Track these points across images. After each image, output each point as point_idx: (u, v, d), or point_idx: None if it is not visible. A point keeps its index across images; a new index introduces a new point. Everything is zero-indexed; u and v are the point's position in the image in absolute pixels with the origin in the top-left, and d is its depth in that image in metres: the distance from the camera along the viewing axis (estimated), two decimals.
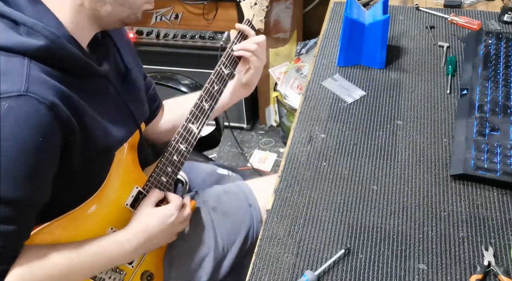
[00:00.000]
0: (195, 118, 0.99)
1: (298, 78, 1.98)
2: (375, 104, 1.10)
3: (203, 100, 0.99)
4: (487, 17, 1.36)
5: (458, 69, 1.18)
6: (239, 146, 2.27)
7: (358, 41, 1.17)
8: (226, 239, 1.05)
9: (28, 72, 0.66)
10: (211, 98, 1.01)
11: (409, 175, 0.94)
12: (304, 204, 0.90)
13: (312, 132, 1.04)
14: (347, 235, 0.85)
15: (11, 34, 0.68)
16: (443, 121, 1.05)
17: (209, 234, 1.04)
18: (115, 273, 0.91)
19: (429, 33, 1.31)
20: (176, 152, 0.97)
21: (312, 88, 1.16)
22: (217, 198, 1.10)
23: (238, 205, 1.09)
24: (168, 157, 0.97)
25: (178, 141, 0.97)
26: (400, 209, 0.88)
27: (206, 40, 1.99)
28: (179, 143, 0.97)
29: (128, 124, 0.90)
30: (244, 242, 1.06)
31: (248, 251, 1.08)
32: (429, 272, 0.78)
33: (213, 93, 1.01)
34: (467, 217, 0.86)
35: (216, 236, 1.04)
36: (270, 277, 0.79)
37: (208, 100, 1.00)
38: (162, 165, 0.96)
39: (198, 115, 0.99)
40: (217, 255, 1.03)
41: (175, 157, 0.97)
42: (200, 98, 0.99)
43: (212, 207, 1.07)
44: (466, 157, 0.93)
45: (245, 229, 1.06)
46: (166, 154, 0.96)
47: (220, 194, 1.11)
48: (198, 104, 0.99)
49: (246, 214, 1.08)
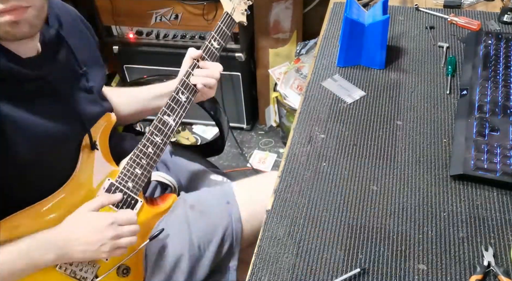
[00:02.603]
0: (171, 110, 0.99)
1: (298, 78, 1.98)
2: (375, 105, 1.10)
3: (179, 92, 1.00)
4: (487, 17, 1.36)
5: (457, 70, 1.18)
6: (239, 146, 2.27)
7: (358, 41, 1.17)
8: (203, 237, 1.03)
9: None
10: (188, 90, 1.01)
11: (409, 175, 0.94)
12: (304, 204, 0.90)
13: (312, 132, 1.04)
14: (347, 235, 0.85)
15: None
16: (443, 122, 1.05)
17: (184, 232, 1.02)
18: (87, 266, 0.92)
19: (428, 34, 1.31)
20: (151, 145, 0.98)
21: (312, 88, 1.16)
22: (197, 196, 1.10)
23: (215, 203, 1.08)
24: (142, 149, 0.97)
25: (153, 133, 0.98)
26: (400, 209, 0.88)
27: None
28: (153, 135, 0.98)
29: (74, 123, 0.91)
30: (222, 241, 1.04)
31: (230, 252, 1.06)
32: (429, 273, 0.78)
33: (190, 85, 1.02)
34: (467, 217, 0.86)
35: (191, 234, 1.02)
36: (270, 277, 0.79)
37: (185, 92, 1.01)
38: (136, 157, 0.97)
39: (175, 107, 1.00)
40: (193, 254, 1.01)
41: (150, 149, 0.98)
42: (176, 90, 1.00)
43: (190, 205, 1.06)
44: (466, 157, 0.93)
45: (223, 227, 1.05)
46: (140, 146, 0.97)
47: (202, 193, 1.11)
48: (174, 97, 0.99)
49: (224, 212, 1.06)
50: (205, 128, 2.37)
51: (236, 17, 1.10)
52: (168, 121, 0.99)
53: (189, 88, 1.03)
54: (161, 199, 1.08)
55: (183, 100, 1.00)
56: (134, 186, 0.97)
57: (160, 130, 0.99)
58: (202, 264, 1.02)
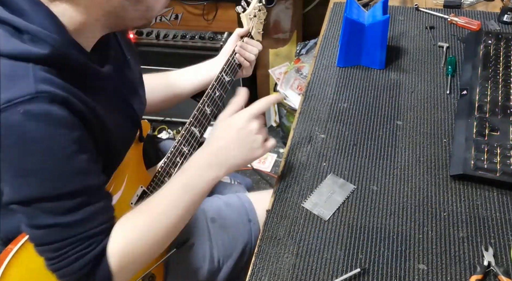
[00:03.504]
0: (198, 121, 1.01)
1: (298, 78, 1.98)
2: (375, 105, 1.10)
3: (205, 105, 1.02)
4: (487, 17, 1.36)
5: (457, 70, 1.18)
6: None
7: (358, 41, 1.17)
8: (223, 252, 1.03)
9: (34, 74, 0.66)
10: (212, 103, 1.04)
11: (409, 175, 0.94)
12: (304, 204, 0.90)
13: (312, 132, 1.04)
14: (347, 235, 0.85)
15: (14, 42, 0.67)
16: (443, 122, 1.05)
17: (205, 245, 1.02)
18: None
19: (428, 34, 1.31)
20: (179, 154, 0.98)
21: (312, 88, 1.16)
22: (217, 209, 1.08)
23: (238, 219, 1.07)
24: (172, 158, 0.98)
25: (182, 143, 0.99)
26: (400, 209, 0.88)
27: (206, 41, 1.99)
28: (182, 145, 0.99)
29: (131, 122, 0.90)
30: (241, 256, 1.04)
31: (246, 267, 1.04)
32: (429, 272, 0.78)
33: (215, 99, 1.04)
34: (467, 217, 0.86)
35: (212, 248, 1.02)
36: (270, 277, 0.79)
37: (210, 105, 1.03)
38: (166, 166, 0.97)
39: (200, 119, 1.01)
40: (211, 267, 1.01)
41: (178, 159, 0.98)
42: (202, 102, 1.02)
43: (211, 218, 1.06)
44: (466, 157, 0.93)
45: (242, 243, 1.04)
46: (170, 156, 0.97)
47: (220, 205, 1.10)
48: (200, 108, 1.01)
49: (244, 229, 1.06)
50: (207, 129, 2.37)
51: (255, 36, 1.17)
52: (195, 132, 1.01)
53: (233, 69, 1.10)
54: None
55: (208, 112, 1.03)
56: None
57: (188, 140, 0.99)
58: (218, 278, 1.03)
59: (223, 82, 1.06)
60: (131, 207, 0.91)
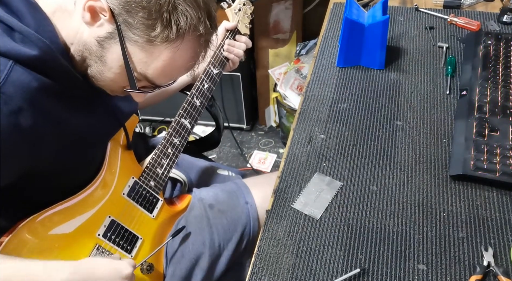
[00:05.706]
0: (187, 113, 1.04)
1: (298, 78, 1.99)
2: (374, 105, 1.10)
3: (194, 97, 1.05)
4: (487, 18, 1.36)
5: (457, 70, 1.19)
6: (239, 146, 2.27)
7: (358, 42, 1.17)
8: (222, 236, 1.05)
9: (8, 73, 0.68)
10: (201, 95, 1.07)
11: (408, 175, 0.94)
12: None
13: (312, 132, 1.04)
14: (347, 235, 0.85)
15: (5, 40, 0.69)
16: (443, 122, 1.05)
17: (205, 231, 1.04)
18: None
19: (428, 34, 1.31)
20: (170, 145, 1.01)
21: (312, 88, 1.16)
22: (214, 195, 1.10)
23: (235, 202, 1.09)
24: (163, 149, 1.00)
25: (172, 134, 1.02)
26: (399, 210, 0.88)
27: None
28: (172, 136, 1.02)
29: (113, 122, 0.92)
30: (240, 239, 1.06)
31: (246, 250, 1.08)
32: (429, 273, 0.78)
33: (203, 91, 1.07)
34: (467, 217, 0.86)
35: (212, 233, 1.04)
36: (270, 277, 0.79)
37: (199, 97, 1.06)
38: (157, 157, 1.00)
39: (190, 110, 1.04)
40: (212, 252, 1.03)
41: (170, 150, 1.01)
42: (191, 95, 1.05)
43: (209, 204, 1.08)
44: (466, 157, 0.93)
45: (242, 226, 1.06)
46: (161, 147, 1.00)
47: (217, 191, 1.12)
48: (189, 101, 1.04)
49: (242, 211, 1.08)
50: (205, 128, 2.37)
51: (241, 29, 1.17)
52: (185, 124, 1.03)
53: (220, 61, 1.11)
54: (179, 199, 1.10)
55: (197, 104, 1.05)
56: (156, 185, 0.99)
57: (178, 131, 1.02)
58: (220, 262, 1.04)
59: (211, 75, 1.08)
60: (122, 198, 0.93)
